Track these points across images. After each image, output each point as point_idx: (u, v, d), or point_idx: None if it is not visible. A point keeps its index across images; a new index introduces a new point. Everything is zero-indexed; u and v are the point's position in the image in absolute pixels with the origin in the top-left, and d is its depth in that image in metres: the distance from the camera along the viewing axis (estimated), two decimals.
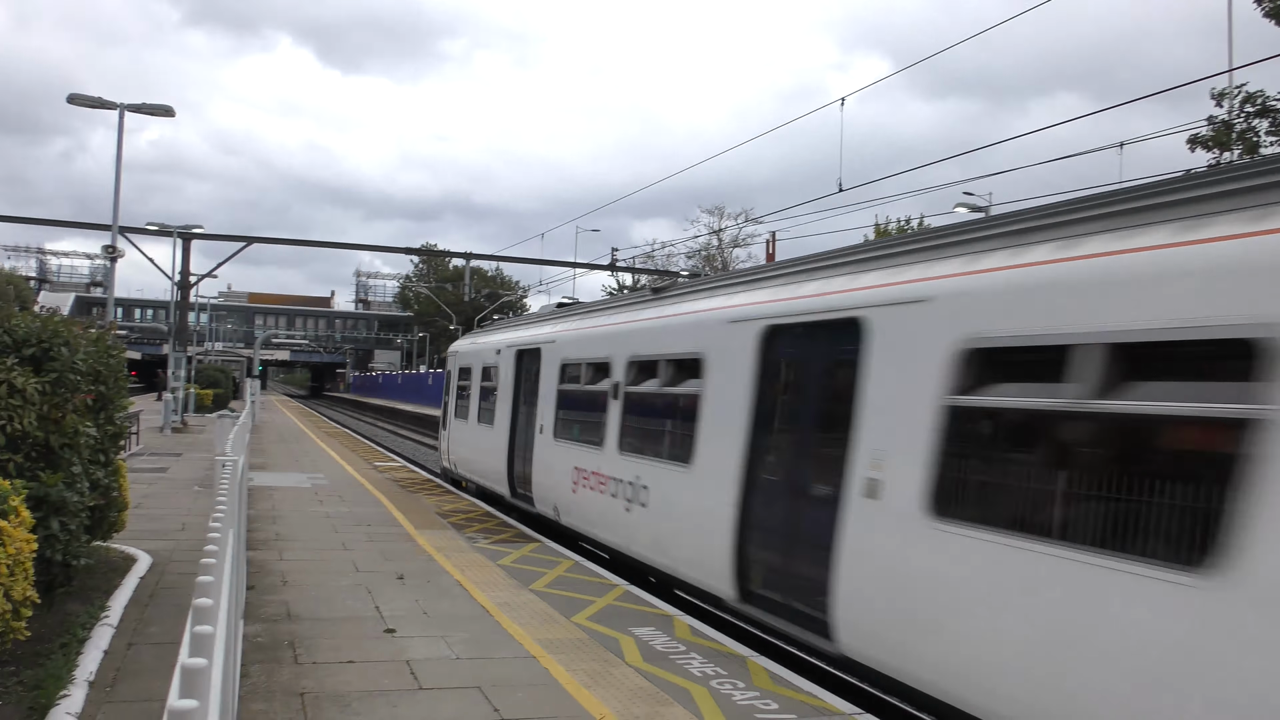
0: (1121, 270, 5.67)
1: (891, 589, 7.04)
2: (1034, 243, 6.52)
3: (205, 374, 57.59)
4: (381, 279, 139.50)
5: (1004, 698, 5.95)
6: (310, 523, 14.91)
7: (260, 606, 9.29)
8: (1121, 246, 5.78)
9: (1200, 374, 5.31)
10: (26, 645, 7.19)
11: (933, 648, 6.60)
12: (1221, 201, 5.46)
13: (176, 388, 36.29)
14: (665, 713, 6.74)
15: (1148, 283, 5.48)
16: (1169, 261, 5.41)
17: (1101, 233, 6.04)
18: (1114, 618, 5.25)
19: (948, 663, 6.45)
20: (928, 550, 6.64)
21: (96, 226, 35.22)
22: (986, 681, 6.11)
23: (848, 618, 7.48)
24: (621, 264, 43.97)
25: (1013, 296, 6.39)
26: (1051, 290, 6.08)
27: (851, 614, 7.45)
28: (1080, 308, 5.81)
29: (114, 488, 10.09)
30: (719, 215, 62.35)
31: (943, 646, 6.50)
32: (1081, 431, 5.84)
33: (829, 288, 8.68)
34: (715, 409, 10.06)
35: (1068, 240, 6.23)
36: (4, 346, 8.01)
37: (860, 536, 7.42)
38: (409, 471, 24.28)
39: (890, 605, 7.06)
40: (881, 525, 7.20)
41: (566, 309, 17.25)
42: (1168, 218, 5.66)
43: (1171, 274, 5.36)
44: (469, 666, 7.70)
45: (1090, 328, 5.69)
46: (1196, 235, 5.36)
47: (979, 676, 6.17)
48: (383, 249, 57.01)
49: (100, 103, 28.98)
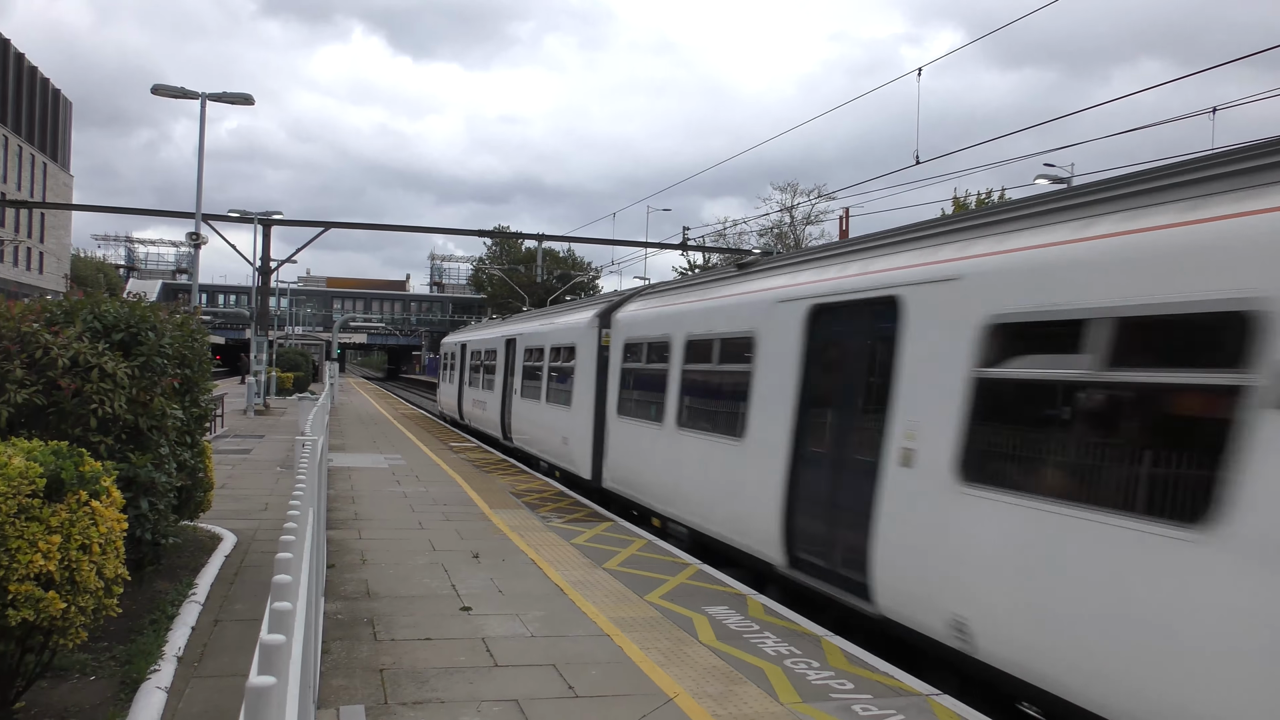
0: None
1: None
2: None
3: (286, 357, 58.86)
4: (455, 262, 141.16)
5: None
6: (388, 502, 15.18)
7: (340, 584, 9.49)
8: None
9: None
10: (118, 622, 7.44)
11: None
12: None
13: (259, 371, 37.15)
14: (739, 691, 6.74)
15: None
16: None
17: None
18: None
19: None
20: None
21: (180, 215, 36.11)
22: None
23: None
24: (693, 243, 43.79)
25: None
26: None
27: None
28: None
29: (200, 469, 10.36)
30: (791, 192, 61.68)
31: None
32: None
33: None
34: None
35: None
36: (95, 332, 8.26)
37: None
38: (483, 452, 24.56)
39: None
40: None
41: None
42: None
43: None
44: (543, 644, 7.78)
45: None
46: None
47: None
48: (456, 231, 57.67)
49: (183, 93, 29.66)
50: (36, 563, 5.21)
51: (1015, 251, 7.07)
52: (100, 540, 5.63)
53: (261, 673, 1.37)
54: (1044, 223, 7.02)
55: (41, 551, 5.24)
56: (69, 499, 5.53)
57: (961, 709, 6.55)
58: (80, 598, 5.44)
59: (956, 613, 7.04)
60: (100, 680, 6.52)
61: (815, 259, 10.69)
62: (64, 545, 5.38)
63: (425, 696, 6.45)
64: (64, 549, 5.38)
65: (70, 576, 5.40)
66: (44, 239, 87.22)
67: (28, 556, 5.19)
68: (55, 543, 5.30)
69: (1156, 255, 5.83)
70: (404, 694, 6.49)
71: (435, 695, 6.49)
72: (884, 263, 8.88)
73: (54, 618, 5.29)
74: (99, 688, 6.39)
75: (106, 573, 5.69)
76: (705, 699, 6.56)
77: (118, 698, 6.20)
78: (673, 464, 13.03)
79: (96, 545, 5.59)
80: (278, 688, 1.39)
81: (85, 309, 8.51)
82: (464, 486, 17.40)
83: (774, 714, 6.33)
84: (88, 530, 5.54)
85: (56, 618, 5.31)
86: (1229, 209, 5.52)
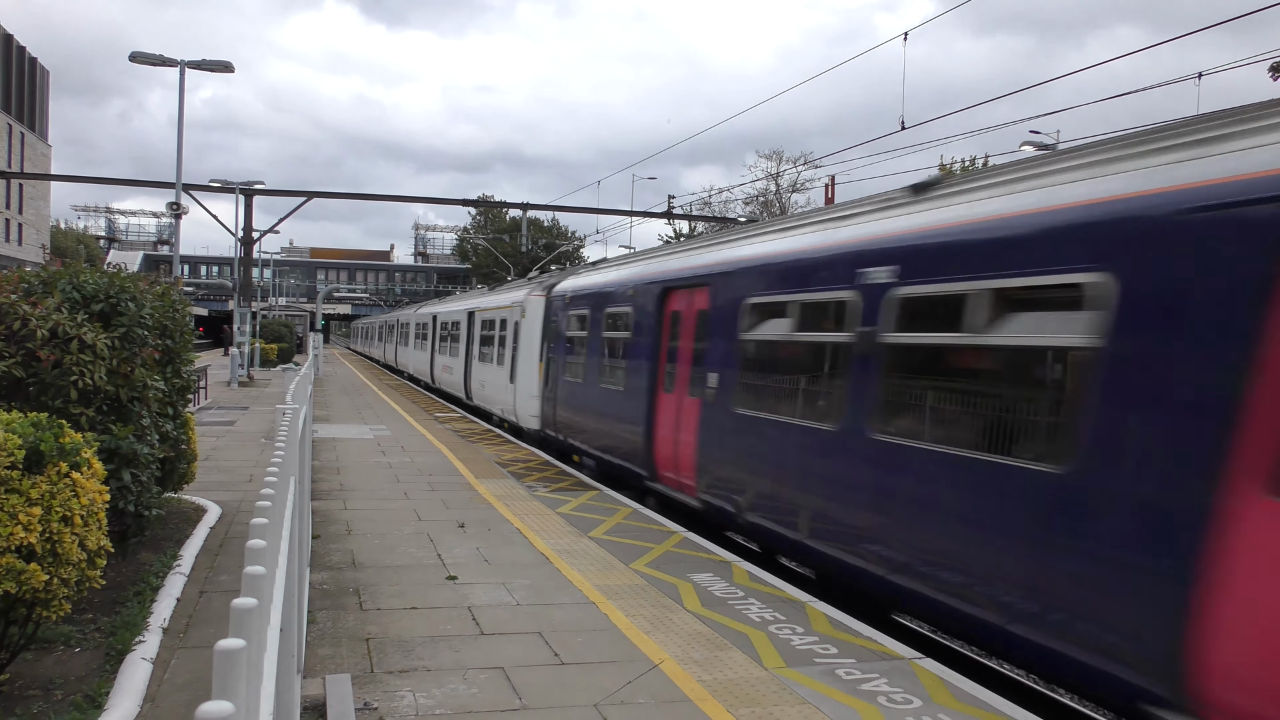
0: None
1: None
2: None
3: (269, 329, 58.57)
4: (439, 231, 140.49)
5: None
6: (373, 473, 15.17)
7: (326, 555, 9.50)
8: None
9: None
10: (103, 593, 7.44)
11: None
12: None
13: (242, 343, 37.00)
14: (724, 657, 6.79)
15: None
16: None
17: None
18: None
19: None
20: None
21: (161, 184, 35.76)
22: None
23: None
24: (678, 211, 43.64)
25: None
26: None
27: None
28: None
29: (183, 440, 10.32)
30: (777, 160, 61.44)
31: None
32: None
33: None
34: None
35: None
36: (74, 302, 8.18)
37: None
38: (469, 422, 24.56)
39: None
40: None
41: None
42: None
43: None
44: (529, 612, 7.81)
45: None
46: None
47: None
48: (440, 201, 56.93)
49: (162, 60, 29.31)
50: (18, 535, 5.18)
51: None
52: (82, 512, 5.60)
53: (233, 635, 1.35)
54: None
55: (22, 524, 5.22)
56: (49, 470, 5.50)
57: (942, 670, 6.61)
58: (62, 570, 5.42)
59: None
60: (85, 652, 6.52)
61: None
62: (45, 517, 5.36)
63: (411, 665, 6.47)
64: (45, 521, 5.35)
65: (52, 549, 5.38)
66: (23, 210, 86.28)
67: (8, 529, 5.16)
68: (36, 515, 5.28)
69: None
70: (390, 662, 6.51)
71: (421, 663, 6.51)
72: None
73: (36, 590, 5.27)
74: (84, 659, 6.39)
75: (89, 544, 5.67)
76: (691, 664, 6.61)
77: (103, 669, 6.20)
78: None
79: (78, 517, 5.56)
80: (248, 651, 1.38)
81: (64, 279, 8.43)
82: (449, 456, 17.40)
83: (759, 679, 6.38)
84: (69, 502, 5.52)
85: (39, 590, 5.29)
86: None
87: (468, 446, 19.06)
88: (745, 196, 62.07)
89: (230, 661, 1.23)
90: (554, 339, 19.03)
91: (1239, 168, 5.38)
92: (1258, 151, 5.34)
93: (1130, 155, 6.34)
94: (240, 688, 1.26)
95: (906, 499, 7.61)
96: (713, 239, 13.98)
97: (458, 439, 20.37)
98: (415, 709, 5.72)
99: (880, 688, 6.27)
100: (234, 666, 1.24)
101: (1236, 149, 5.51)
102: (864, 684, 6.33)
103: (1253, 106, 5.86)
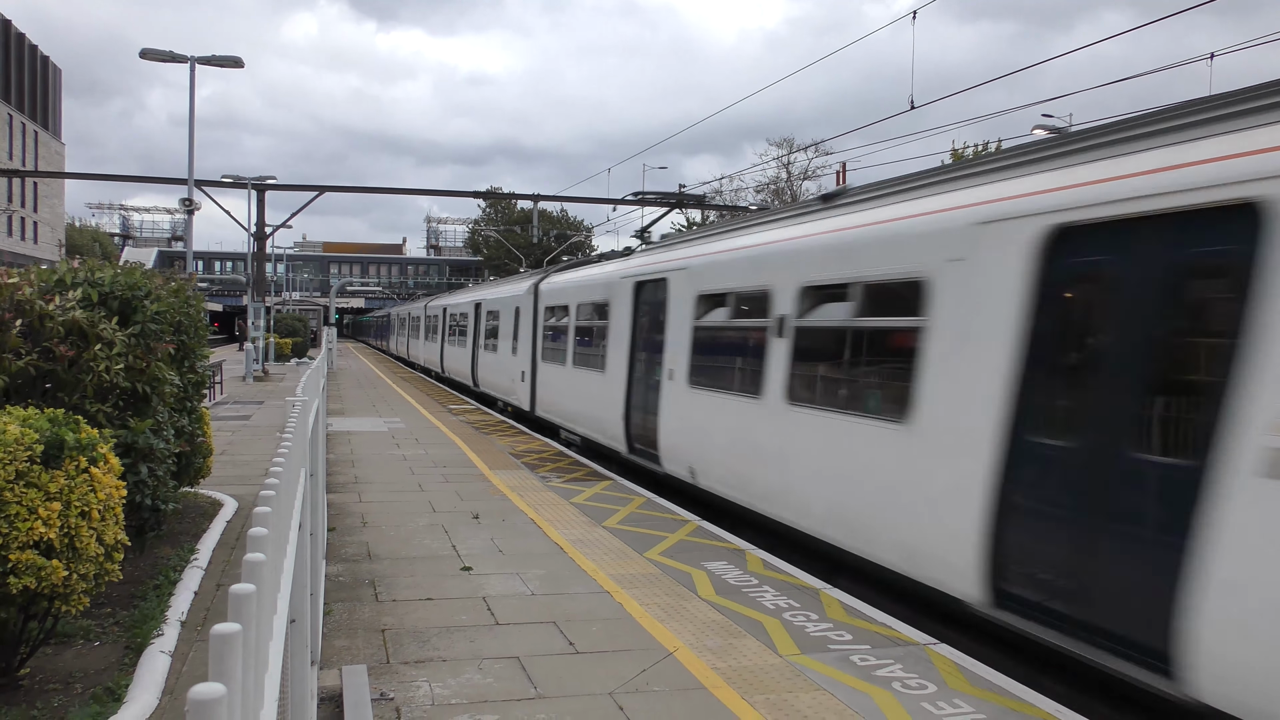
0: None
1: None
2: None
3: (284, 323, 58.82)
4: (450, 224, 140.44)
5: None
6: (387, 465, 15.24)
7: (341, 547, 9.55)
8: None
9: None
10: (121, 587, 7.50)
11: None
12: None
13: (256, 337, 37.14)
14: (739, 645, 6.81)
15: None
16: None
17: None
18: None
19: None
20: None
21: (173, 181, 35.86)
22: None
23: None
24: (689, 200, 43.48)
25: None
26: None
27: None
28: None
29: (199, 434, 10.38)
30: (788, 147, 61.26)
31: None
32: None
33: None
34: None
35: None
36: (91, 299, 8.23)
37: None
38: (482, 414, 24.62)
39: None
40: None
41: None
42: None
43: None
44: (544, 602, 7.84)
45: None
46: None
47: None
48: (449, 193, 57.12)
49: (172, 56, 29.35)
50: (37, 529, 5.23)
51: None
52: (99, 507, 5.65)
53: (231, 621, 1.37)
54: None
55: (41, 519, 5.27)
56: (67, 465, 5.55)
57: (957, 656, 6.62)
58: (81, 564, 5.48)
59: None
60: (105, 645, 6.58)
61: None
62: (64, 512, 5.41)
63: (427, 655, 6.51)
64: (64, 516, 5.40)
65: (70, 543, 5.43)
66: (38, 208, 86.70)
67: (28, 524, 5.21)
68: (55, 509, 5.33)
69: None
70: (406, 653, 6.55)
71: (437, 654, 6.55)
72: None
73: (55, 585, 5.32)
74: (103, 653, 6.45)
75: (106, 539, 5.72)
76: (705, 652, 6.63)
77: (122, 662, 6.26)
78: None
79: (96, 512, 5.61)
80: (247, 636, 1.39)
81: (80, 275, 8.48)
82: (463, 448, 17.46)
83: (773, 666, 6.39)
84: (87, 497, 5.57)
85: (58, 585, 5.34)
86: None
87: (481, 438, 19.11)
88: (756, 184, 61.97)
89: (226, 646, 1.24)
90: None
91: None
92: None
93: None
94: (237, 673, 1.27)
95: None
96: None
97: (471, 430, 20.43)
98: (431, 698, 5.76)
99: (895, 673, 6.28)
100: (230, 651, 1.25)
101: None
102: (879, 670, 6.34)
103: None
